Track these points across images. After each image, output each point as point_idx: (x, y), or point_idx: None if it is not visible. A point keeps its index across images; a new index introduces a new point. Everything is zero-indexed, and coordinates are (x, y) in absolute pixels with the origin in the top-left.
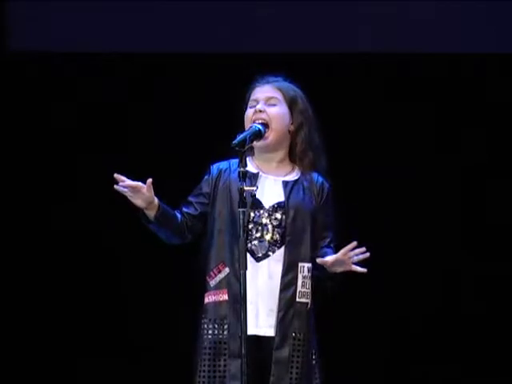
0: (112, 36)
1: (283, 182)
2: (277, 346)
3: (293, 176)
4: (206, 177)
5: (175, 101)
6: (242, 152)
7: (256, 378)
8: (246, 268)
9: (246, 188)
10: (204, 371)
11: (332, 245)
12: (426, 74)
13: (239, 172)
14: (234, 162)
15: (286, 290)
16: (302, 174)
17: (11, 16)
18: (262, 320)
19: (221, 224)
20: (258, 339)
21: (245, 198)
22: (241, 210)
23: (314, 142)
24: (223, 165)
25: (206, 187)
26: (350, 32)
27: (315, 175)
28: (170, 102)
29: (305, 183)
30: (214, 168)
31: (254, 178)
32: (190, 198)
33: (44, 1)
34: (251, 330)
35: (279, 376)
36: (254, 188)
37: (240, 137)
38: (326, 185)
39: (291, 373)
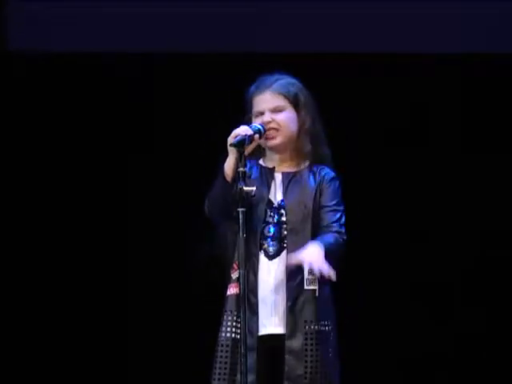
0: (112, 36)
1: (282, 173)
2: (288, 335)
3: (296, 168)
4: None
5: (175, 101)
6: (242, 152)
7: (273, 374)
8: (244, 268)
9: (245, 188)
10: (221, 362)
11: (339, 230)
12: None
13: (238, 172)
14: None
15: (292, 279)
16: (308, 166)
17: (11, 16)
18: (278, 319)
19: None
20: (276, 337)
21: (244, 198)
22: (240, 209)
23: (318, 133)
24: None
25: None
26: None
27: (320, 167)
28: (170, 102)
29: (306, 174)
30: None
31: (269, 174)
32: None
33: (44, 1)
34: (268, 329)
35: (292, 366)
36: (254, 188)
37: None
38: (331, 173)
39: (306, 366)
